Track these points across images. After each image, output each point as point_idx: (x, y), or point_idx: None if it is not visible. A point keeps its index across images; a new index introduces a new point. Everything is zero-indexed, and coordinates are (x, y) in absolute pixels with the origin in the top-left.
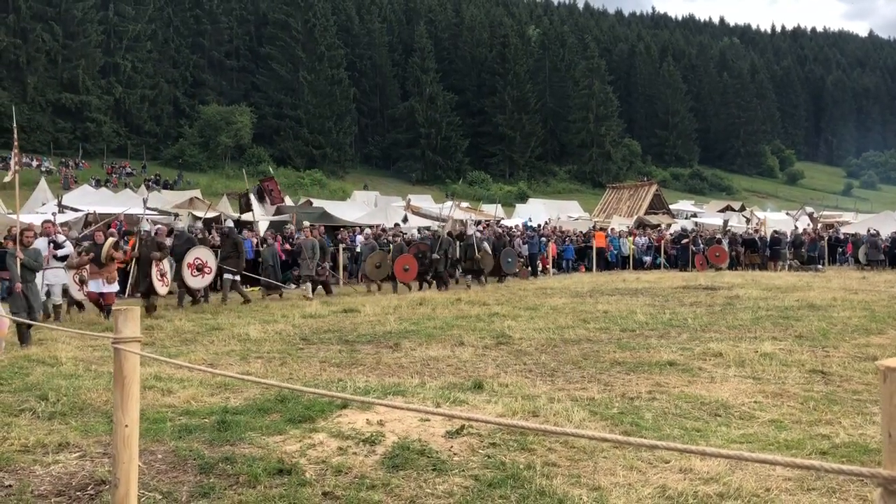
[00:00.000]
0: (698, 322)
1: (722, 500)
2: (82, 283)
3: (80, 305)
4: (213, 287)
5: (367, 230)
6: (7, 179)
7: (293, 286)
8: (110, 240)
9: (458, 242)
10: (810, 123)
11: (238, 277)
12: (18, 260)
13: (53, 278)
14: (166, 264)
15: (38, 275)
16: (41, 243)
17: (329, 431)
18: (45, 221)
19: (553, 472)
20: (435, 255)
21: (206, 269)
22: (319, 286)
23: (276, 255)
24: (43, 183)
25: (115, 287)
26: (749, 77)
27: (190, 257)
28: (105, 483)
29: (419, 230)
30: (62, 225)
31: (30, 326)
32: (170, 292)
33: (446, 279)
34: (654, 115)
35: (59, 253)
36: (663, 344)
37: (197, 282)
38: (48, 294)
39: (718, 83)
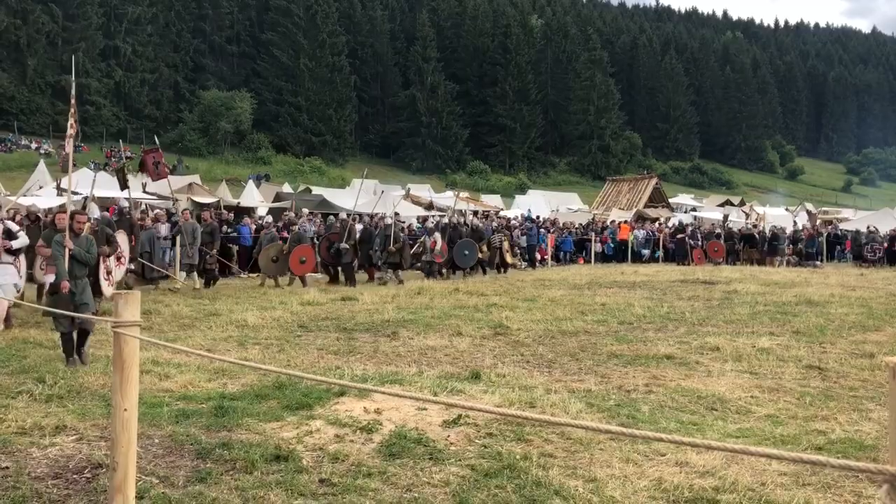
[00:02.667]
0: (696, 316)
1: (717, 494)
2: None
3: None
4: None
5: (268, 218)
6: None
7: (184, 276)
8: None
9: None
10: (811, 119)
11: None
12: (68, 251)
13: (3, 276)
14: (112, 262)
15: None
16: None
17: (326, 419)
18: None
19: (549, 463)
20: (343, 245)
21: (120, 261)
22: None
23: (153, 240)
24: (42, 166)
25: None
26: (751, 72)
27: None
28: (102, 466)
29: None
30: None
31: (82, 340)
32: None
33: (372, 271)
34: (656, 108)
35: (14, 245)
36: (661, 337)
37: (111, 281)
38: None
39: (720, 77)
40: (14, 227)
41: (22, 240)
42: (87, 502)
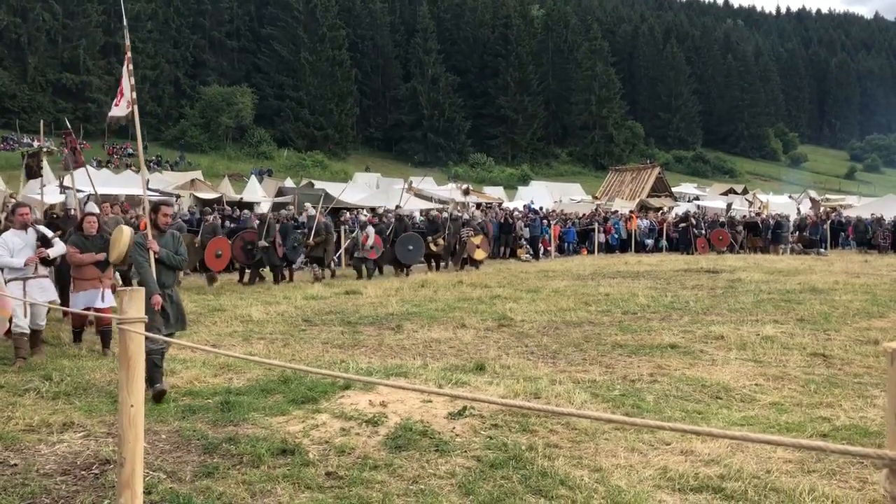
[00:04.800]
0: (700, 305)
1: (723, 482)
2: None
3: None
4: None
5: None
6: (122, 114)
7: None
8: (126, 229)
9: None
10: (814, 106)
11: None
12: (152, 254)
13: (39, 292)
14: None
15: (18, 285)
16: (23, 238)
17: (332, 412)
18: (20, 205)
19: (555, 454)
20: (262, 243)
21: None
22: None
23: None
24: (44, 164)
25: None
26: (753, 59)
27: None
28: (110, 462)
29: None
30: (50, 209)
31: (156, 364)
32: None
33: (290, 268)
34: (657, 97)
35: (52, 253)
36: (665, 327)
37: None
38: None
39: (722, 65)
40: (48, 232)
41: (59, 247)
42: (95, 498)
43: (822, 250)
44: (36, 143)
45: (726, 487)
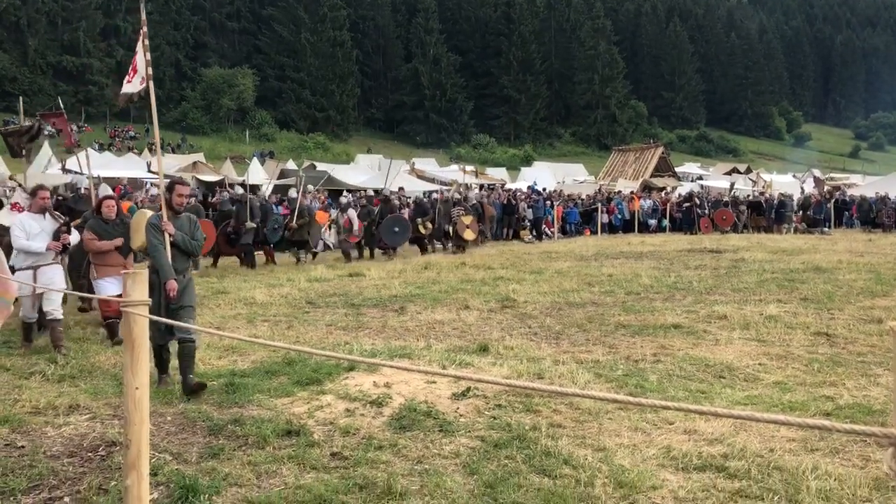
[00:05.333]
0: (703, 285)
1: (726, 461)
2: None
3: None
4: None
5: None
6: (134, 90)
7: None
8: (149, 213)
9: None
10: (818, 84)
11: None
12: (168, 236)
13: (53, 278)
14: None
15: (28, 273)
16: (40, 223)
17: (336, 393)
18: (41, 188)
19: (558, 433)
20: (250, 224)
21: None
22: None
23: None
24: (46, 147)
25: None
26: (757, 37)
27: None
28: (116, 444)
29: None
30: (55, 191)
31: (186, 362)
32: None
33: (270, 252)
34: (661, 76)
35: (72, 239)
36: (668, 307)
37: None
38: (40, 304)
39: (726, 44)
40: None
41: (76, 236)
42: (101, 479)
43: (826, 229)
44: (11, 125)
45: (729, 466)
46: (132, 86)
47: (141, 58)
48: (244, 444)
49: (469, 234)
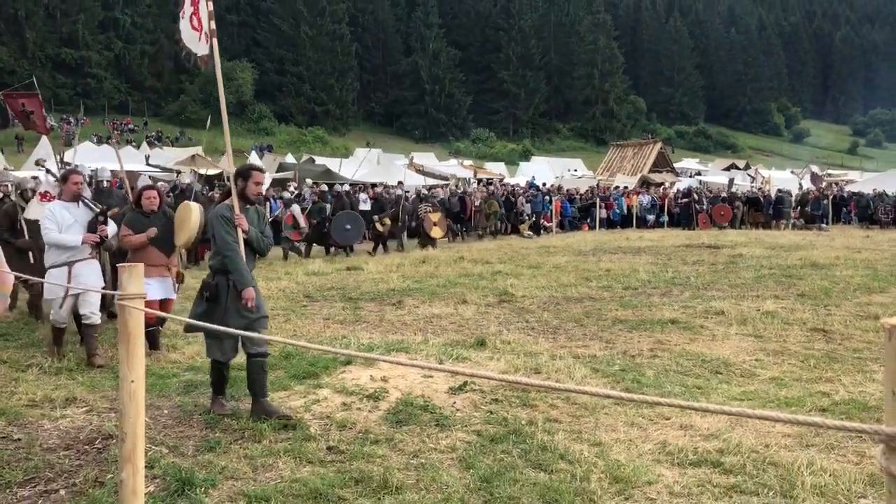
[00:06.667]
0: (701, 280)
1: (722, 456)
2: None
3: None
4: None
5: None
6: (205, 51)
7: None
8: (193, 206)
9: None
10: (817, 80)
11: None
12: (241, 232)
13: (90, 276)
14: None
15: (63, 271)
16: (73, 212)
17: (333, 387)
18: (73, 172)
19: (555, 428)
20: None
21: None
22: None
23: None
24: (44, 139)
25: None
26: (756, 33)
27: None
28: (112, 437)
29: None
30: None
31: (257, 377)
32: None
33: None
34: (660, 71)
35: (109, 231)
36: (665, 302)
37: None
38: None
39: (725, 39)
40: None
41: (112, 226)
42: (98, 472)
43: (824, 226)
44: None
45: (725, 462)
46: (201, 46)
47: (203, 6)
48: (241, 437)
49: (437, 232)
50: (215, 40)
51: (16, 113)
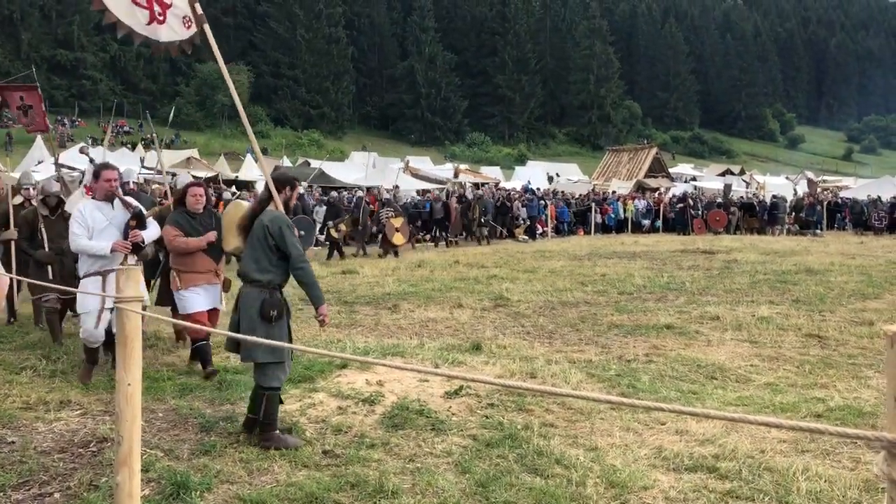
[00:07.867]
0: (696, 286)
1: (717, 461)
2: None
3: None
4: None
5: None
6: (181, 37)
7: None
8: (242, 203)
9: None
10: (812, 87)
11: None
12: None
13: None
14: None
15: (97, 280)
16: (107, 213)
17: (329, 391)
18: (106, 167)
19: (550, 433)
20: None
21: None
22: None
23: None
24: (39, 141)
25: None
26: (752, 39)
27: None
28: (107, 440)
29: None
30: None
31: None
32: None
33: None
34: (655, 76)
35: (147, 236)
36: (661, 307)
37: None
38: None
39: (721, 45)
40: (134, 202)
41: (154, 230)
42: (93, 475)
43: (818, 231)
44: None
45: (721, 467)
46: (172, 31)
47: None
48: (236, 441)
49: (399, 239)
50: (206, 25)
51: (13, 107)
